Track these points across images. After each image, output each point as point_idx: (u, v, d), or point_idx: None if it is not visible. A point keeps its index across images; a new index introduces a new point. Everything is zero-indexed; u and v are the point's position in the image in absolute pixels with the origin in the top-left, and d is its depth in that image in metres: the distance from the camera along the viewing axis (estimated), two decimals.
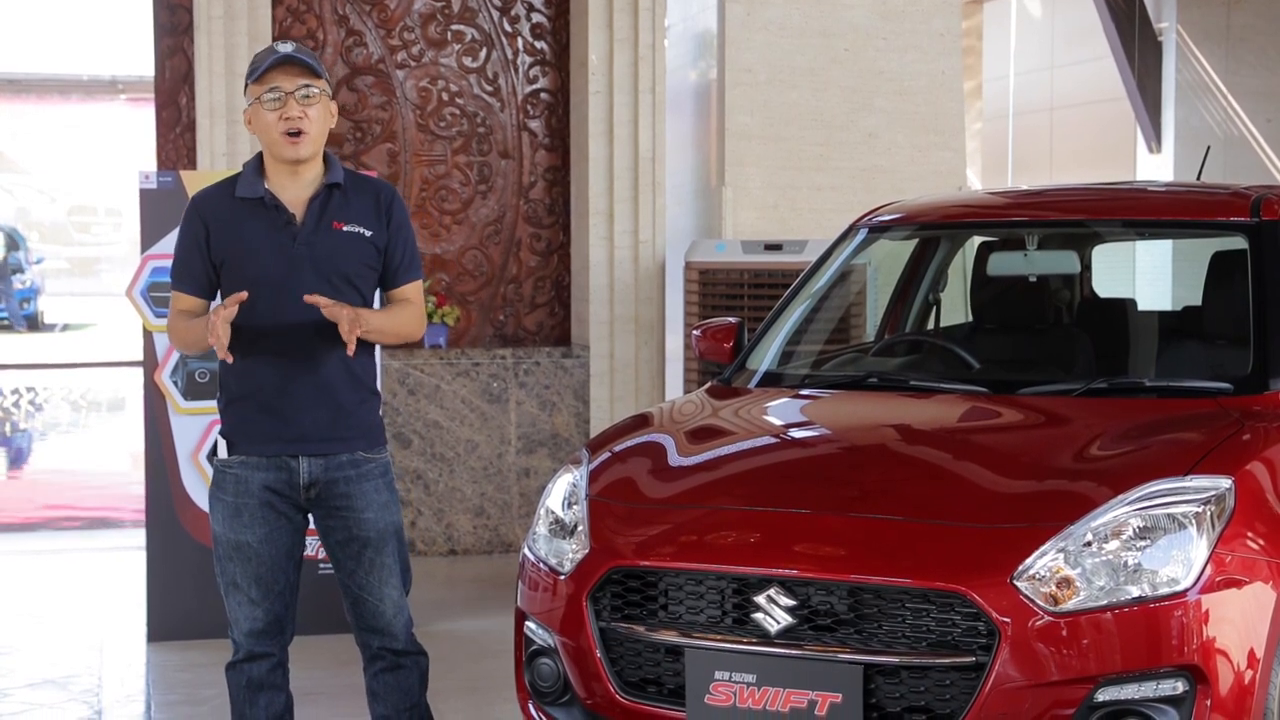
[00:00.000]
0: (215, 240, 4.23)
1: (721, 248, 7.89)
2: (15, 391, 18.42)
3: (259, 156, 4.32)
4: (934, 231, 5.87)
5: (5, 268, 26.38)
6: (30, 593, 7.75)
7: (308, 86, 4.19)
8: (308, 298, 4.09)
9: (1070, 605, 3.66)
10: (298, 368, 4.20)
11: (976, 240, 5.95)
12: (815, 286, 5.51)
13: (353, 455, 4.29)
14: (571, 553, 4.20)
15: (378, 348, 4.46)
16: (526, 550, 4.43)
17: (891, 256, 6.30)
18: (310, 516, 4.36)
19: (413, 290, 4.38)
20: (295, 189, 4.25)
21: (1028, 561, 3.70)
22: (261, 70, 4.18)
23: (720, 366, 5.36)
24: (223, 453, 4.32)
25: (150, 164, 8.32)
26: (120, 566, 8.08)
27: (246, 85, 4.25)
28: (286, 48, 4.20)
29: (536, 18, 8.60)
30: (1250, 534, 3.81)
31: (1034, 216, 5.60)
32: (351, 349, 4.09)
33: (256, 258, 4.20)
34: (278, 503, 4.27)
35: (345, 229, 4.25)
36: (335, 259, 4.23)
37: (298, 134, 4.18)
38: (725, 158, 8.36)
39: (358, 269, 4.26)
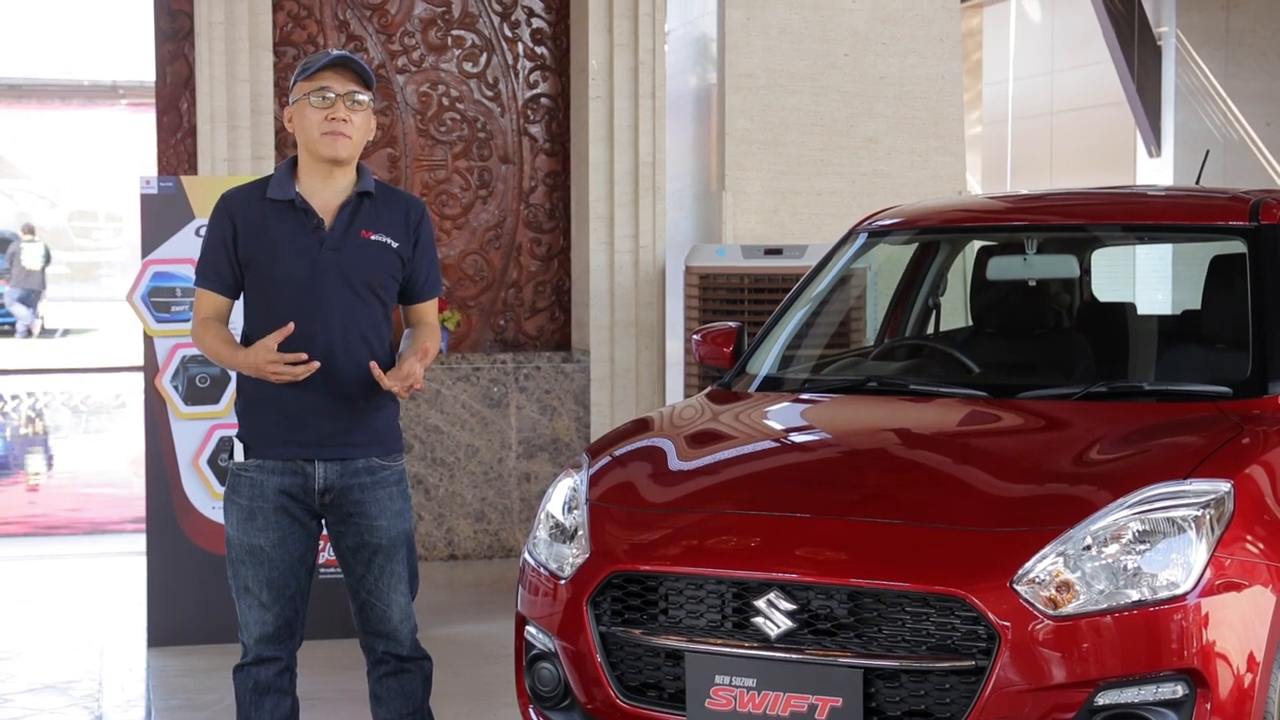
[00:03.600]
0: (243, 239, 4.25)
1: (722, 252, 7.90)
2: (15, 397, 18.42)
3: (292, 160, 4.34)
4: (934, 236, 5.87)
5: (43, 276, 26.65)
6: (31, 598, 7.75)
7: (356, 93, 4.23)
8: (376, 371, 4.18)
9: (1070, 609, 3.67)
10: (317, 372, 4.19)
11: (976, 244, 5.95)
12: (815, 291, 5.51)
13: (368, 461, 4.30)
14: (572, 557, 4.20)
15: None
16: (527, 555, 4.43)
17: (891, 261, 6.31)
18: (323, 522, 4.37)
19: (430, 308, 4.45)
20: (327, 195, 4.28)
21: (1027, 565, 3.70)
22: (314, 69, 4.21)
23: (720, 371, 5.36)
24: (239, 456, 4.30)
25: (151, 169, 8.33)
26: (121, 571, 8.09)
27: (294, 84, 4.28)
28: (341, 52, 4.27)
29: (537, 23, 8.61)
30: (1250, 537, 3.82)
31: (1033, 221, 5.61)
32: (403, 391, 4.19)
33: (282, 259, 4.22)
34: (292, 507, 4.27)
35: (373, 238, 4.27)
36: (361, 266, 4.25)
37: (343, 135, 4.21)
38: (725, 162, 8.37)
39: (382, 278, 4.29)
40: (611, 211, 8.39)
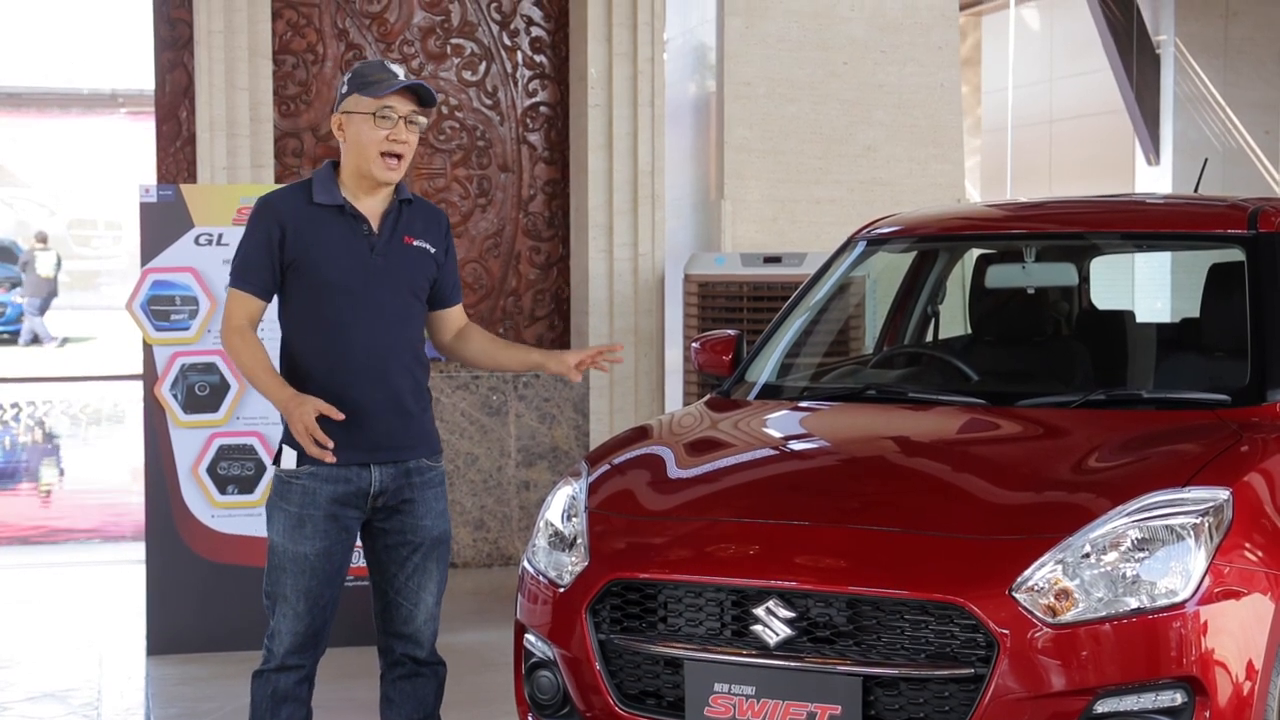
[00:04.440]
0: (291, 242, 4.26)
1: (721, 260, 7.91)
2: (15, 405, 18.42)
3: (331, 165, 4.37)
4: (932, 244, 5.88)
5: (55, 284, 26.69)
6: (30, 606, 7.75)
7: (416, 114, 4.29)
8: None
9: (1069, 617, 3.67)
10: (368, 375, 4.24)
11: (975, 252, 5.96)
12: (814, 299, 5.51)
13: (418, 462, 4.35)
14: (571, 565, 4.20)
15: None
16: (526, 563, 4.43)
17: (890, 269, 6.31)
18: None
19: (460, 313, 4.56)
20: (370, 202, 4.33)
21: (1026, 573, 3.70)
22: (383, 92, 4.23)
23: (719, 379, 5.36)
24: (289, 463, 4.28)
25: (150, 177, 8.33)
26: (120, 580, 8.08)
27: (348, 93, 4.28)
28: (400, 71, 4.29)
29: (536, 31, 8.62)
30: (1248, 545, 3.82)
31: (1032, 229, 5.61)
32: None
33: (334, 264, 4.25)
34: (342, 515, 4.28)
35: (415, 244, 4.35)
36: (407, 271, 4.32)
37: (398, 158, 4.26)
38: (724, 171, 8.37)
39: (423, 283, 4.38)
40: (611, 220, 8.39)
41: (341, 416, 4.12)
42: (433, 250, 4.38)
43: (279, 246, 4.26)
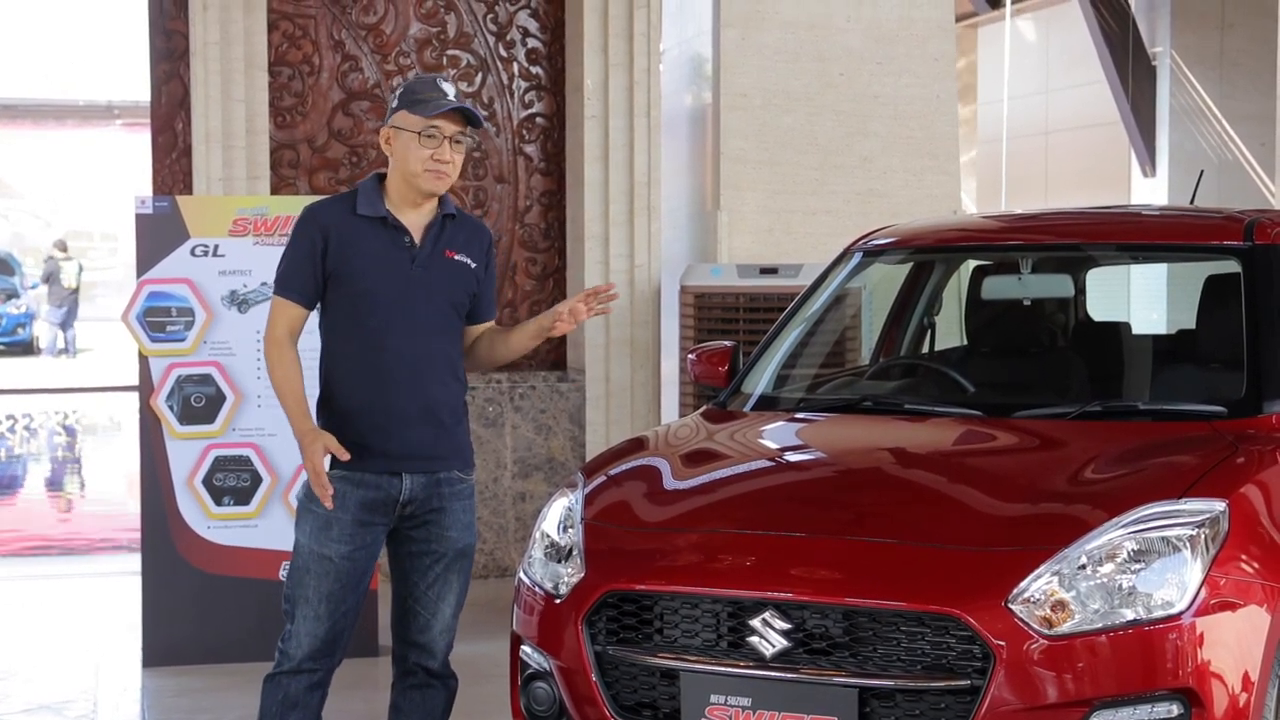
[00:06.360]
0: (333, 251, 4.30)
1: (717, 271, 7.91)
2: (11, 417, 18.41)
3: (376, 178, 4.42)
4: (929, 255, 5.88)
5: (77, 296, 26.61)
6: (26, 618, 7.74)
7: (463, 134, 4.34)
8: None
9: (1065, 628, 3.67)
10: (404, 385, 4.28)
11: (971, 264, 5.96)
12: (810, 310, 5.52)
13: (449, 474, 4.38)
14: (567, 576, 4.20)
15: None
16: (522, 574, 4.43)
17: (887, 280, 6.32)
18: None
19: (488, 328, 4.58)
20: (414, 215, 4.37)
21: (1022, 584, 3.70)
22: (431, 113, 4.28)
23: (715, 390, 5.36)
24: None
25: (146, 189, 8.32)
26: (116, 592, 8.07)
27: (397, 108, 4.35)
28: (450, 90, 4.34)
29: (532, 43, 8.62)
30: (1244, 557, 3.82)
31: (1028, 240, 5.62)
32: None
33: (373, 275, 4.29)
34: (369, 521, 4.32)
35: (456, 258, 4.39)
36: (446, 285, 4.36)
37: (442, 174, 4.31)
38: (721, 182, 8.37)
39: (462, 297, 4.41)
40: (607, 231, 8.39)
41: (347, 456, 4.20)
42: (473, 265, 4.41)
43: (321, 256, 4.31)
